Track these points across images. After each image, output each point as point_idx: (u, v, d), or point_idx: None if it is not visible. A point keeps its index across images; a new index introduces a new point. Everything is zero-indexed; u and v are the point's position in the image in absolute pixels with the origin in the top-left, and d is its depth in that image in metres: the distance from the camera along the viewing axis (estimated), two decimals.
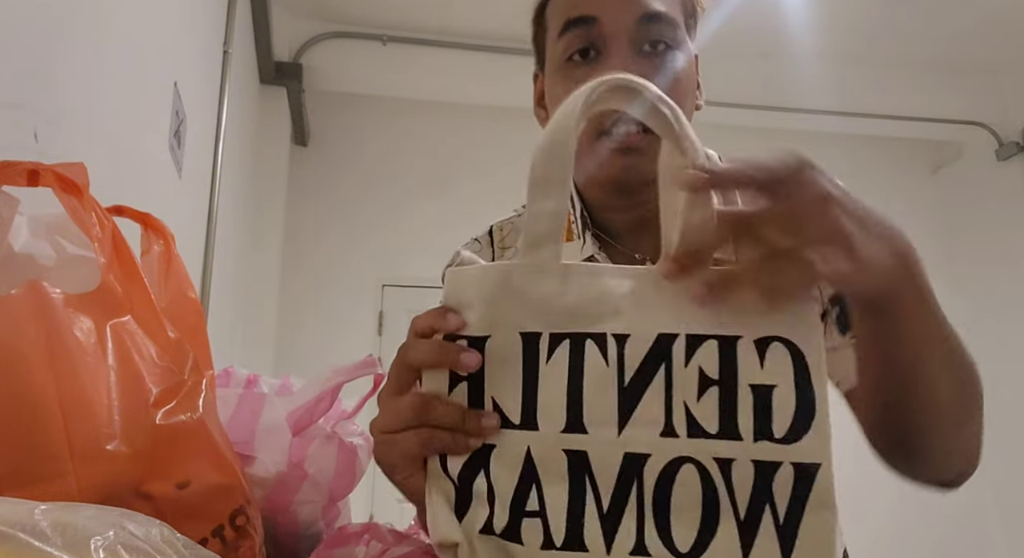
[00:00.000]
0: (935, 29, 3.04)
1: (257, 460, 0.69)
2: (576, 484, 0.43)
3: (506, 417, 0.44)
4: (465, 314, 0.46)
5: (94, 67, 1.04)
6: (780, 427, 0.41)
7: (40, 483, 0.45)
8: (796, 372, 0.42)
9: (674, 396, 0.42)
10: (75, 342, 0.48)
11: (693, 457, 0.42)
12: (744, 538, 0.41)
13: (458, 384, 0.45)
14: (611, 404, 0.43)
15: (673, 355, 0.43)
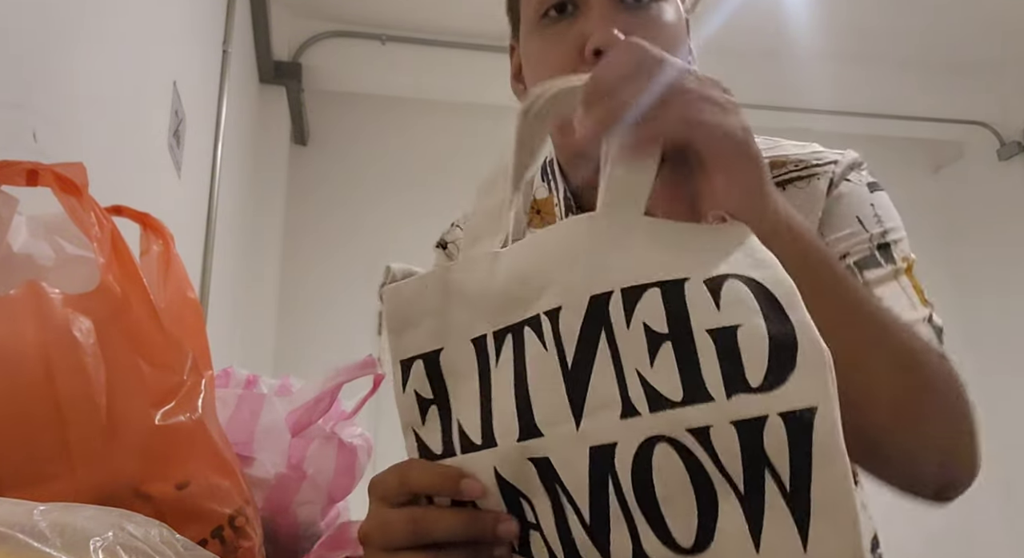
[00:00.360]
0: (936, 29, 3.03)
1: (256, 461, 0.69)
2: (553, 496, 0.37)
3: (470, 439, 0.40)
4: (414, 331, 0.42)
5: (93, 67, 1.04)
6: (755, 372, 0.33)
7: (39, 483, 0.45)
8: (762, 305, 0.35)
9: (624, 367, 0.36)
10: (74, 342, 0.48)
11: (664, 435, 0.34)
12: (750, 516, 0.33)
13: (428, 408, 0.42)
14: (560, 395, 0.37)
15: (611, 317, 0.36)
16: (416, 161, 3.26)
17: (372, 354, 0.82)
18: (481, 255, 0.41)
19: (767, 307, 0.34)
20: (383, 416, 3.01)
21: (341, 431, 0.79)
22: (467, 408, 0.40)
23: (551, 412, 0.37)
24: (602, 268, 0.37)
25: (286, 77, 2.84)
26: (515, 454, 0.38)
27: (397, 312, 0.43)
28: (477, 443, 0.39)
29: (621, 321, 0.36)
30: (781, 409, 0.33)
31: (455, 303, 0.42)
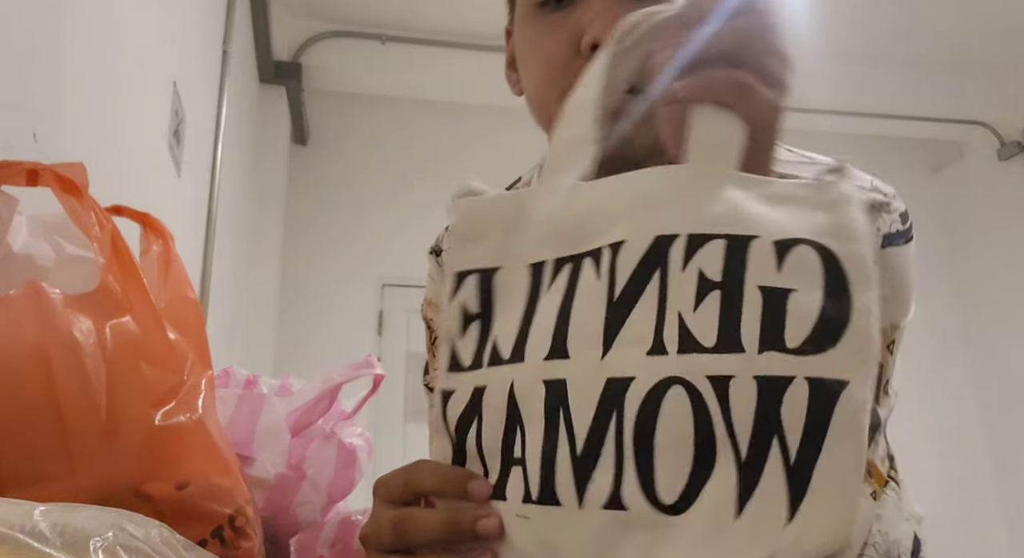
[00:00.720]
0: (936, 29, 3.03)
1: (256, 461, 0.69)
2: (551, 422, 0.36)
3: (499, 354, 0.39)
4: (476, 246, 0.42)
5: (93, 66, 1.04)
6: (794, 335, 0.32)
7: (39, 484, 0.45)
8: (828, 278, 0.33)
9: (668, 307, 0.35)
10: (74, 342, 0.48)
11: (682, 377, 0.33)
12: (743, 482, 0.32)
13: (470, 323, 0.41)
14: (597, 322, 0.36)
15: (670, 259, 0.35)
16: (416, 161, 3.26)
17: (372, 354, 0.82)
18: (561, 185, 0.41)
19: (832, 281, 0.33)
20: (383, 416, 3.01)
21: (341, 431, 0.79)
22: (507, 326, 0.40)
23: (583, 336, 0.36)
24: (675, 212, 0.36)
25: (286, 77, 2.84)
26: (534, 371, 0.37)
27: (466, 223, 0.43)
28: (505, 357, 0.39)
29: (678, 264, 0.35)
30: (810, 374, 0.32)
31: (524, 227, 0.41)
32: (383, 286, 3.15)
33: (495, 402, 0.38)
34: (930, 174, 3.68)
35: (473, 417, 0.39)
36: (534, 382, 0.37)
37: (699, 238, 0.35)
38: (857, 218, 0.35)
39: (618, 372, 0.35)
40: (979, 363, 3.31)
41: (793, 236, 0.34)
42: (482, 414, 0.39)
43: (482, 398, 0.39)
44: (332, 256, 3.12)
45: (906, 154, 3.55)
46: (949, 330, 3.34)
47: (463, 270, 0.42)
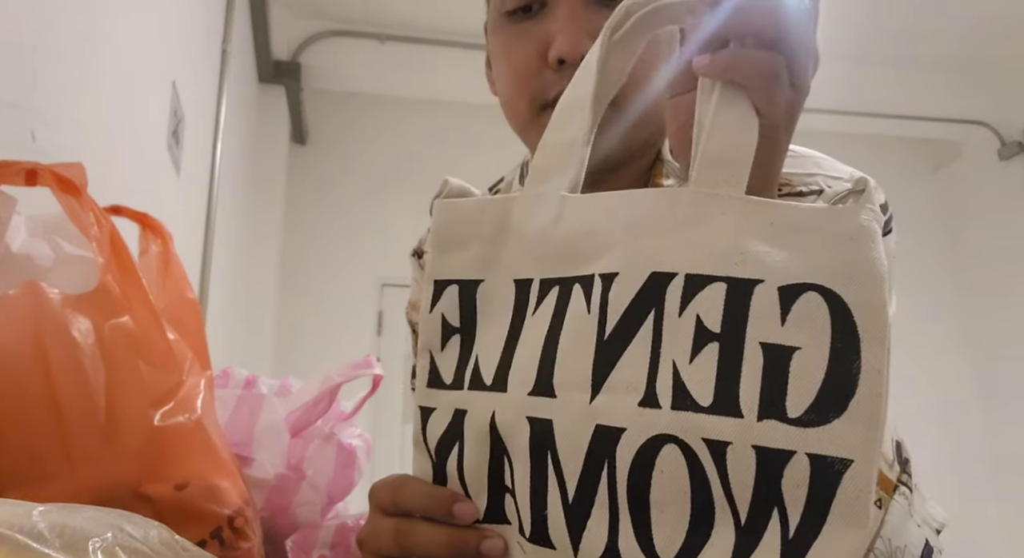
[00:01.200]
0: (935, 28, 3.03)
1: (256, 461, 0.69)
2: (538, 462, 0.34)
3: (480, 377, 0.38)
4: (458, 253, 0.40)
5: (92, 66, 1.04)
6: (796, 403, 0.30)
7: (38, 484, 0.45)
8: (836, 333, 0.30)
9: (662, 355, 0.33)
10: (73, 342, 0.48)
11: (676, 436, 0.31)
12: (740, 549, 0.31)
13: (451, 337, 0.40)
14: (586, 362, 0.34)
15: (667, 299, 0.33)
16: (415, 161, 3.26)
17: (372, 354, 0.82)
18: (549, 196, 0.38)
19: (840, 335, 0.30)
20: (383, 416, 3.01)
21: (340, 432, 0.79)
22: (490, 347, 0.38)
23: (570, 376, 0.34)
24: (674, 245, 0.34)
25: (285, 76, 2.84)
26: (519, 406, 0.35)
27: (447, 228, 0.41)
28: (487, 383, 0.37)
29: (675, 307, 0.33)
30: (812, 450, 0.30)
31: (510, 238, 0.39)
32: (383, 286, 3.15)
33: (477, 428, 0.37)
34: (930, 174, 3.68)
35: (455, 440, 0.38)
36: (517, 417, 0.35)
37: (698, 280, 0.33)
38: (876, 258, 0.31)
39: (608, 420, 0.33)
40: (978, 362, 3.31)
41: (801, 281, 0.31)
42: (464, 439, 0.38)
43: (463, 422, 0.38)
44: (331, 256, 3.12)
45: (906, 154, 3.55)
46: (948, 329, 3.34)
47: (443, 279, 0.40)
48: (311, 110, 3.15)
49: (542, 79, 0.56)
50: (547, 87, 0.55)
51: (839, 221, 0.32)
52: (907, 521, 0.68)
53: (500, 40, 0.60)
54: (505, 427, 0.36)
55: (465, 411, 0.38)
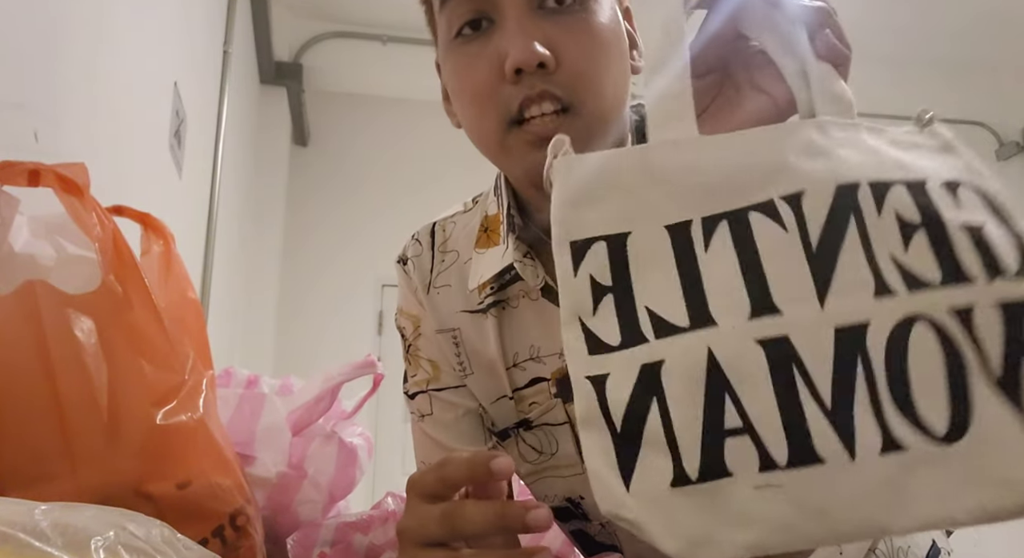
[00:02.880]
0: (935, 28, 3.03)
1: (257, 460, 0.69)
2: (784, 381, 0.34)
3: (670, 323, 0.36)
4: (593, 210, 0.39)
5: (94, 67, 1.04)
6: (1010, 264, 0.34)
7: (40, 483, 0.45)
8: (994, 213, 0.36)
9: (876, 251, 0.35)
10: (76, 342, 0.48)
11: (924, 314, 0.33)
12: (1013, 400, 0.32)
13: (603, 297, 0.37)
14: (803, 273, 0.35)
15: (862, 205, 0.36)
16: (416, 162, 3.26)
17: (372, 354, 0.82)
18: (685, 139, 0.39)
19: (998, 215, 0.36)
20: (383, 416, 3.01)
21: (342, 430, 0.79)
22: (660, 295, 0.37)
23: (792, 290, 0.35)
24: (842, 161, 0.37)
25: (287, 78, 2.84)
26: (741, 333, 0.35)
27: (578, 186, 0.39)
28: (682, 325, 0.36)
29: (872, 209, 0.36)
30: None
31: (651, 185, 0.39)
32: (383, 286, 3.15)
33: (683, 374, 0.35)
34: None
35: (649, 398, 0.35)
36: (744, 344, 0.35)
37: (880, 185, 0.36)
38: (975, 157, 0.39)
39: (846, 320, 0.34)
40: None
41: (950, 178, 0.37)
42: (663, 391, 0.35)
43: (659, 374, 0.35)
44: (332, 256, 3.12)
45: None
46: None
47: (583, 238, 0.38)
48: (312, 111, 3.15)
49: (503, 95, 0.55)
50: (510, 101, 0.54)
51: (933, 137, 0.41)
52: None
53: (452, 66, 0.59)
54: (729, 359, 0.35)
55: (660, 362, 0.35)
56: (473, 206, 0.73)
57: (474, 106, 0.57)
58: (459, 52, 0.58)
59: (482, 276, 0.65)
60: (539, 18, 0.55)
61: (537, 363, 0.65)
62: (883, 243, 0.35)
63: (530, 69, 0.53)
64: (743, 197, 0.37)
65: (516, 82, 0.54)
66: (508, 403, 0.68)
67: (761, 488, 0.33)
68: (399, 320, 0.73)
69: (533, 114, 0.54)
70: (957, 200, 0.36)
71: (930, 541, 0.68)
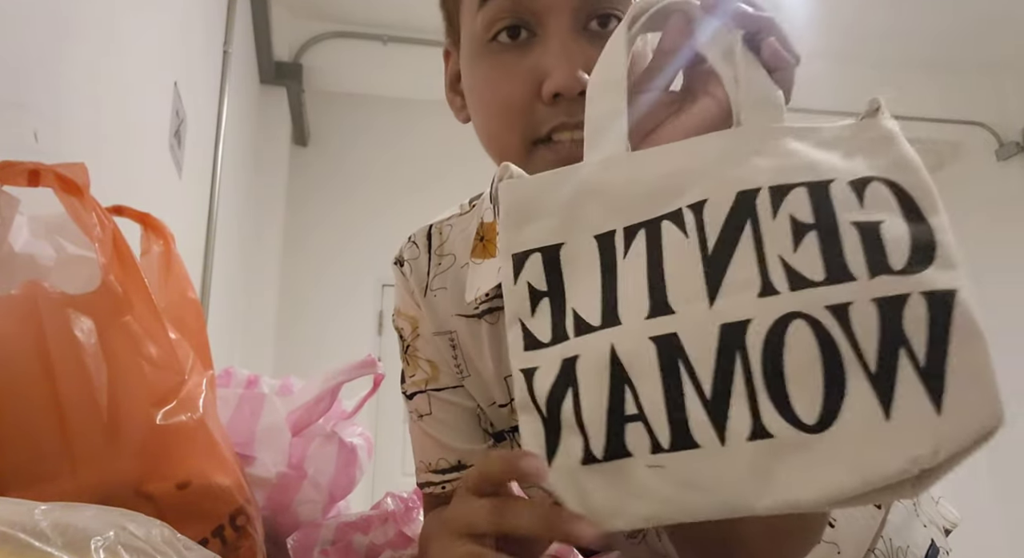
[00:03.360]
0: (934, 29, 3.03)
1: (257, 460, 0.69)
2: (670, 373, 0.37)
3: (586, 322, 0.40)
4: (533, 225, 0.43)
5: (94, 67, 1.04)
6: (897, 259, 0.35)
7: (40, 483, 0.45)
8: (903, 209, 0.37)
9: (767, 253, 0.37)
10: (76, 342, 0.48)
11: (801, 312, 0.35)
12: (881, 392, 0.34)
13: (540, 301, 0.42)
14: (696, 276, 0.38)
15: (758, 209, 0.38)
16: (416, 162, 3.26)
17: (372, 354, 0.82)
18: (615, 156, 0.43)
19: (906, 209, 0.37)
20: (383, 415, 3.01)
21: (342, 430, 0.80)
22: (586, 297, 0.41)
23: (684, 290, 0.38)
24: (749, 168, 0.39)
25: (287, 78, 2.84)
26: (638, 331, 0.38)
27: (518, 206, 0.44)
28: (595, 324, 0.40)
29: (767, 213, 0.38)
30: (923, 289, 0.35)
31: (582, 201, 0.42)
32: (383, 286, 3.15)
33: (592, 368, 0.39)
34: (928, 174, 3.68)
35: (566, 388, 0.40)
36: (639, 341, 0.38)
37: (781, 189, 0.38)
38: (910, 151, 0.40)
39: (732, 317, 0.37)
40: None
41: (864, 175, 0.38)
42: (576, 383, 0.40)
43: (575, 367, 0.40)
44: (332, 256, 3.12)
45: None
46: None
47: (521, 251, 0.43)
48: (312, 111, 3.15)
49: (535, 115, 0.54)
50: (541, 123, 0.54)
51: (870, 129, 0.42)
52: (912, 521, 0.68)
53: (484, 73, 0.57)
54: (627, 354, 0.38)
55: (576, 356, 0.40)
56: (470, 209, 0.72)
57: (501, 118, 0.56)
58: (494, 59, 0.56)
59: (479, 289, 0.65)
60: (582, 40, 0.54)
61: None
62: (775, 246, 0.37)
63: (571, 96, 0.52)
64: (659, 207, 0.40)
65: (552, 104, 0.53)
66: (500, 410, 0.68)
67: (652, 467, 0.38)
68: (397, 321, 0.73)
69: (563, 138, 0.54)
70: (862, 198, 0.37)
71: (929, 541, 0.68)
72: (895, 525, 0.67)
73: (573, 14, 0.54)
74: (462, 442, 0.69)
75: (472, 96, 0.60)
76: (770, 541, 0.49)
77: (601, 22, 0.55)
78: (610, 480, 0.39)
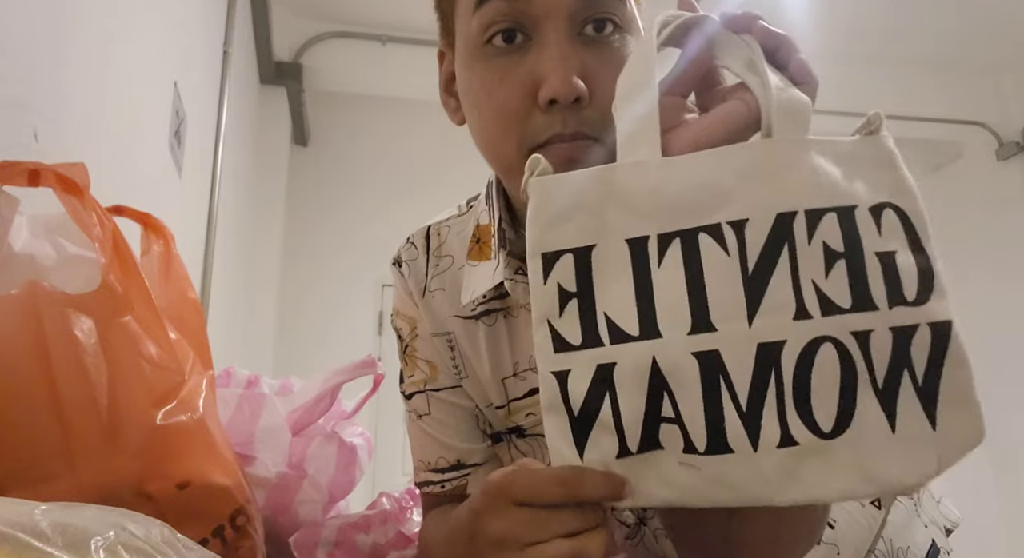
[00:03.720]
0: (935, 29, 3.03)
1: (257, 460, 0.69)
2: (710, 388, 0.40)
3: (623, 331, 0.42)
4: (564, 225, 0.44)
5: (94, 67, 1.04)
6: (910, 291, 0.40)
7: (40, 483, 0.45)
8: (908, 236, 0.41)
9: (801, 277, 0.40)
10: (75, 342, 0.48)
11: (831, 336, 0.40)
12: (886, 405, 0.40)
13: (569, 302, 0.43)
14: (738, 295, 0.41)
15: (795, 233, 0.41)
16: (416, 162, 3.27)
17: (372, 354, 0.82)
18: (650, 161, 0.44)
19: (911, 236, 0.41)
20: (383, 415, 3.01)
21: (342, 430, 0.80)
22: (617, 303, 0.42)
23: (727, 310, 0.41)
24: (785, 187, 0.42)
25: (287, 77, 2.84)
26: (681, 345, 0.41)
27: (547, 205, 0.44)
28: (632, 334, 0.42)
29: (803, 238, 0.41)
30: (929, 320, 0.40)
31: (615, 203, 0.43)
32: (383, 286, 3.16)
33: (630, 375, 0.41)
34: (928, 174, 3.68)
35: (603, 393, 0.42)
36: (682, 355, 0.41)
37: (815, 213, 0.41)
38: (907, 175, 0.43)
39: (768, 337, 0.40)
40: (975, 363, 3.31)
41: (879, 201, 0.42)
42: (615, 387, 0.42)
43: (612, 373, 0.42)
44: (332, 256, 3.12)
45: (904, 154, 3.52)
46: None
47: (552, 251, 0.44)
48: (312, 111, 3.15)
49: (531, 121, 0.54)
50: (538, 130, 0.54)
51: (876, 148, 0.44)
52: (912, 522, 0.68)
53: (480, 77, 0.56)
54: (669, 367, 0.41)
55: (614, 364, 0.42)
56: (468, 210, 0.72)
57: (497, 124, 0.56)
58: (489, 63, 0.56)
59: (474, 291, 0.65)
60: (578, 45, 0.54)
61: (536, 374, 0.65)
62: (808, 270, 0.41)
63: (566, 103, 0.52)
64: (696, 217, 0.42)
65: (547, 111, 0.53)
66: (497, 412, 0.68)
67: (684, 464, 0.41)
68: (395, 321, 0.73)
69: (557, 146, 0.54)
70: (879, 225, 0.41)
71: (930, 541, 0.68)
72: (895, 525, 0.67)
73: (569, 19, 0.53)
74: (461, 441, 0.69)
75: (467, 100, 0.59)
76: (771, 542, 0.49)
77: (596, 27, 0.54)
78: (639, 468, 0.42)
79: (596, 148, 0.54)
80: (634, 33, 0.56)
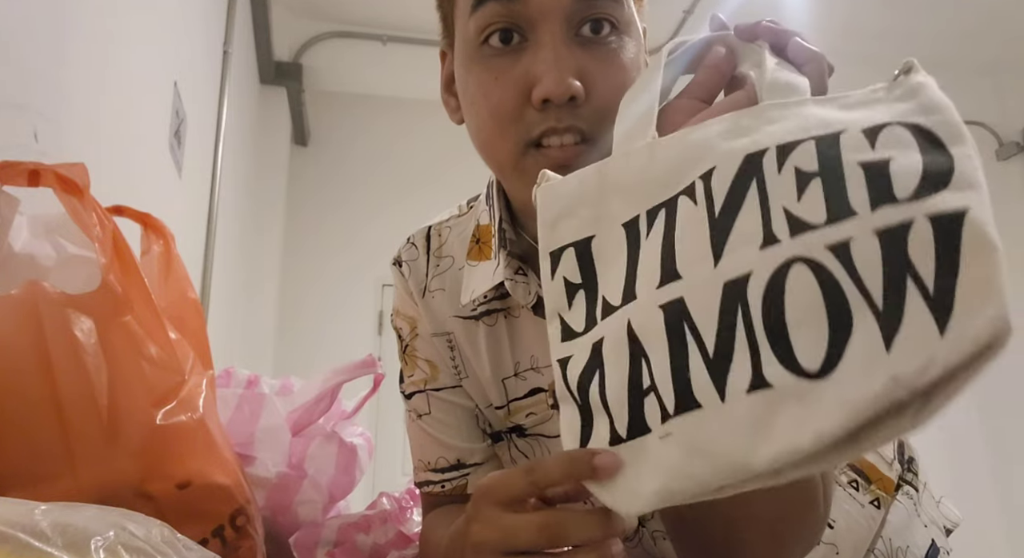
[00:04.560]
0: (935, 29, 3.03)
1: (257, 460, 0.69)
2: (675, 338, 0.37)
3: (610, 305, 0.41)
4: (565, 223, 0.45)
5: (94, 67, 1.04)
6: (904, 188, 0.33)
7: (40, 483, 0.45)
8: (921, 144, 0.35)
9: (771, 206, 0.36)
10: (75, 342, 0.48)
11: (801, 256, 0.34)
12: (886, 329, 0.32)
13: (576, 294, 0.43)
14: (703, 239, 0.37)
15: (764, 167, 0.37)
16: (416, 162, 3.27)
17: (372, 354, 0.82)
18: (638, 147, 0.44)
19: (925, 144, 0.34)
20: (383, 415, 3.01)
21: (342, 430, 0.80)
22: (612, 283, 0.41)
23: (691, 254, 0.38)
24: (763, 133, 0.38)
25: (287, 78, 2.85)
26: (650, 302, 0.38)
27: (552, 206, 0.45)
28: (616, 305, 0.40)
29: (773, 169, 0.36)
30: (929, 212, 0.32)
31: (611, 193, 0.44)
32: (383, 286, 3.15)
33: (613, 346, 0.39)
34: None
35: (594, 371, 0.40)
36: (650, 311, 0.38)
37: (788, 146, 0.37)
38: (938, 95, 0.37)
39: (733, 273, 0.36)
40: None
41: (882, 122, 0.36)
42: (603, 364, 0.40)
43: (601, 350, 0.40)
44: (332, 256, 3.12)
45: None
46: None
47: (557, 248, 0.44)
48: (312, 111, 3.15)
49: (525, 120, 0.54)
50: (531, 127, 0.54)
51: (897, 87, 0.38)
52: (912, 521, 0.68)
53: (476, 77, 0.57)
54: (640, 327, 0.38)
55: (602, 339, 0.40)
56: (468, 211, 0.72)
57: (493, 124, 0.56)
58: (485, 64, 0.56)
59: (474, 291, 0.65)
60: (574, 46, 0.54)
61: (536, 373, 0.66)
62: (778, 198, 0.36)
63: (560, 102, 0.52)
64: (678, 186, 0.40)
65: (542, 110, 0.53)
66: (497, 412, 0.68)
67: (663, 438, 0.37)
68: (395, 320, 0.73)
69: (553, 143, 0.54)
70: (874, 142, 0.35)
71: (929, 541, 0.69)
72: (895, 525, 0.67)
73: (565, 20, 0.54)
74: (461, 441, 0.69)
75: (465, 100, 0.60)
76: (770, 541, 0.49)
77: (594, 28, 0.54)
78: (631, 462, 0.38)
79: (590, 149, 0.54)
80: (632, 34, 0.56)
